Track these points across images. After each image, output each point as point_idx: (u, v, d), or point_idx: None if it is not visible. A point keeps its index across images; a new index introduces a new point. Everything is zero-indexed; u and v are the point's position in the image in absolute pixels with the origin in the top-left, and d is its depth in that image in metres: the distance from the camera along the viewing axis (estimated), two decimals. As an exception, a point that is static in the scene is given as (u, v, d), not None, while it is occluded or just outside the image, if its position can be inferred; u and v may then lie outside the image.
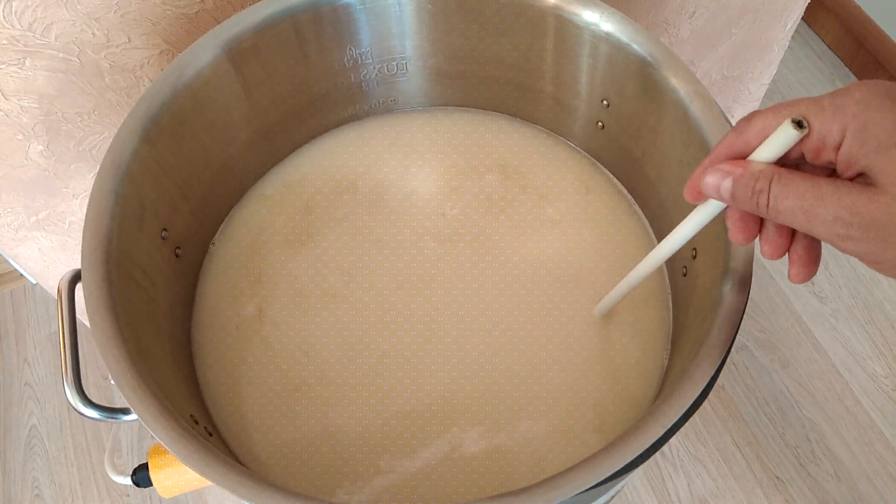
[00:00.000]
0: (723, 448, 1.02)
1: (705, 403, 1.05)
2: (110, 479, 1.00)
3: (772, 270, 1.16)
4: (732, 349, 0.40)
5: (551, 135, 0.57)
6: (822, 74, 1.36)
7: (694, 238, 0.38)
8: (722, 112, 0.43)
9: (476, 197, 0.54)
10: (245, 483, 0.34)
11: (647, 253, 0.52)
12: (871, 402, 1.04)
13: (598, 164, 0.56)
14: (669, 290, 0.50)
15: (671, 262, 0.50)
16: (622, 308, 0.49)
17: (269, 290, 0.51)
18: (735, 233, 0.33)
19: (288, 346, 0.49)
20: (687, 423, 0.34)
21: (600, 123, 0.52)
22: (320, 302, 0.50)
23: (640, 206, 0.54)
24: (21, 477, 1.04)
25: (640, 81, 0.46)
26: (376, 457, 0.45)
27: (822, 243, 0.32)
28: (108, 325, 0.38)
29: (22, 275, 1.16)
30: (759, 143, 0.30)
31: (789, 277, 0.33)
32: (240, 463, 0.45)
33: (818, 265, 0.32)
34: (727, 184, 0.31)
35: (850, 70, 1.36)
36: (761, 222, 0.33)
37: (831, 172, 0.30)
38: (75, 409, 0.39)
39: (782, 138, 0.29)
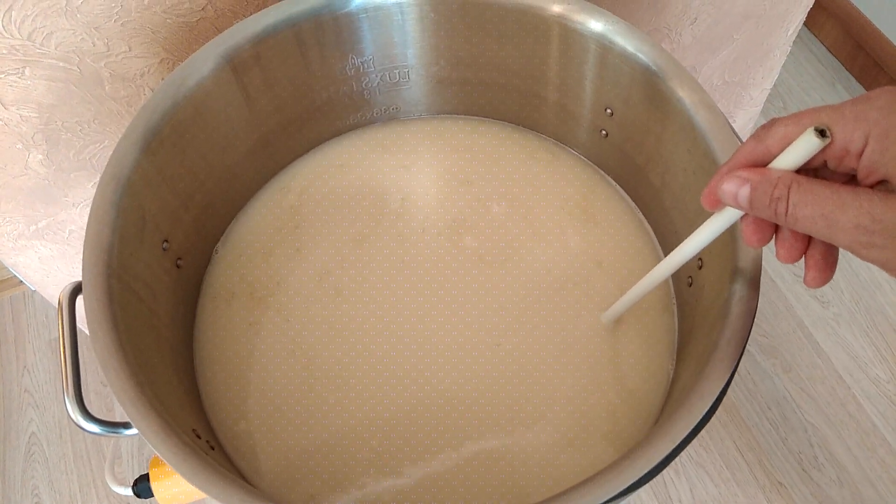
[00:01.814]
0: (725, 453, 1.02)
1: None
2: (110, 488, 1.00)
3: (773, 275, 1.15)
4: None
5: (554, 143, 0.57)
6: (823, 78, 1.36)
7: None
8: (727, 122, 0.42)
9: (479, 205, 0.54)
10: (246, 500, 0.34)
11: (650, 261, 0.52)
12: (874, 407, 1.04)
13: (602, 171, 0.55)
14: (675, 300, 0.50)
15: (676, 272, 0.49)
16: (627, 316, 0.49)
17: (272, 298, 0.51)
18: (749, 235, 0.33)
19: (290, 356, 0.49)
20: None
21: (604, 131, 0.52)
22: (324, 311, 0.50)
23: (644, 214, 0.53)
24: (21, 484, 1.04)
25: (645, 90, 0.46)
26: (380, 467, 0.45)
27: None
28: (109, 338, 0.37)
29: (22, 281, 1.16)
30: (780, 151, 0.30)
31: (805, 282, 0.32)
32: (242, 477, 0.45)
33: (835, 270, 0.32)
34: (745, 191, 0.31)
35: (851, 73, 1.36)
36: (776, 225, 0.32)
37: (849, 179, 0.30)
38: (76, 424, 0.39)
39: (805, 147, 0.29)
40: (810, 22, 1.40)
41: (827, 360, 1.08)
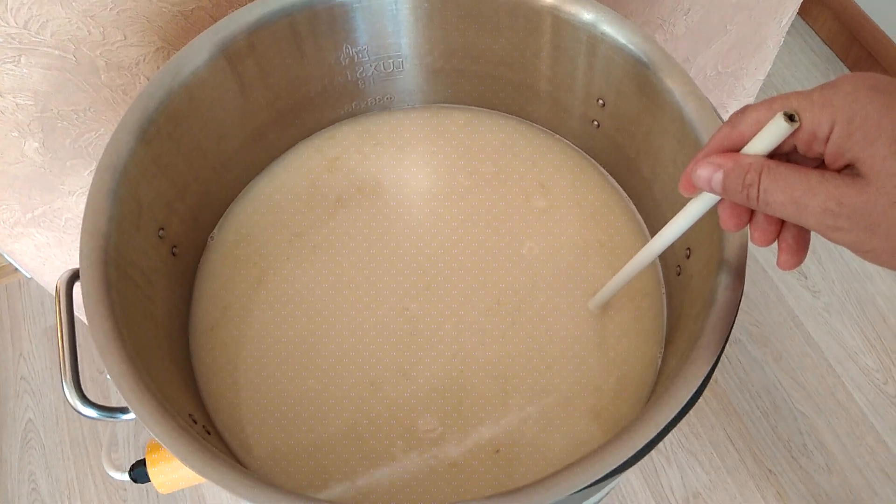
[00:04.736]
0: (715, 441, 1.03)
1: (699, 397, 1.06)
2: (107, 473, 1.00)
3: (765, 264, 1.16)
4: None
5: (547, 132, 0.57)
6: (817, 69, 1.37)
7: (688, 237, 0.39)
8: (715, 111, 0.43)
9: (471, 193, 0.55)
10: (243, 482, 0.35)
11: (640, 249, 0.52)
12: (863, 396, 1.05)
13: (594, 161, 0.56)
14: (664, 289, 0.50)
15: (665, 261, 0.50)
16: (617, 303, 0.50)
17: (267, 287, 0.51)
18: (726, 220, 0.33)
19: (285, 343, 0.49)
20: (680, 418, 0.35)
21: (595, 122, 0.53)
22: (317, 298, 0.51)
23: (635, 204, 0.54)
24: (18, 471, 1.05)
25: (636, 82, 0.46)
26: (372, 453, 0.46)
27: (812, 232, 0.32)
28: (106, 325, 0.38)
29: (17, 269, 1.16)
30: (753, 136, 0.31)
31: (778, 264, 0.33)
32: (237, 461, 0.45)
33: (807, 252, 0.33)
34: (718, 176, 0.31)
35: (845, 64, 1.37)
36: (752, 210, 0.33)
37: (820, 163, 0.31)
38: (74, 409, 0.40)
39: (774, 131, 0.30)
40: (805, 12, 1.41)
41: (817, 349, 1.09)
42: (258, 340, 0.49)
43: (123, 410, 0.40)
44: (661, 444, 1.03)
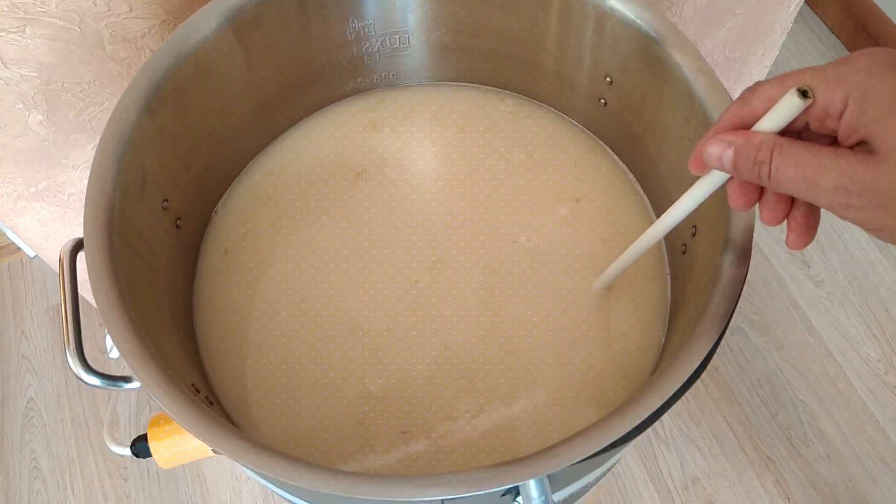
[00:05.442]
0: (715, 428, 1.03)
1: (699, 383, 1.06)
2: (108, 450, 1.01)
3: (767, 252, 1.16)
4: (727, 330, 0.40)
5: (553, 110, 0.57)
6: (824, 58, 1.36)
7: (694, 216, 0.38)
8: (725, 89, 0.43)
9: (476, 171, 0.54)
10: (246, 448, 0.35)
11: (644, 229, 0.52)
12: (864, 386, 1.05)
13: (599, 140, 0.56)
14: (668, 268, 0.50)
15: (670, 240, 0.50)
16: (621, 284, 0.50)
17: (270, 262, 0.51)
18: (735, 198, 0.33)
19: (289, 316, 0.49)
20: (680, 403, 0.35)
21: (602, 100, 0.52)
22: (320, 273, 0.51)
23: (640, 183, 0.54)
24: (19, 448, 1.05)
25: (644, 58, 0.46)
26: (375, 426, 0.46)
27: (822, 210, 0.32)
28: (110, 292, 0.38)
29: (19, 248, 1.16)
30: (765, 113, 0.30)
31: (787, 243, 0.33)
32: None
33: (816, 232, 0.33)
34: (729, 154, 0.31)
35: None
36: (761, 188, 0.33)
37: (833, 140, 0.30)
38: (77, 377, 0.40)
39: (787, 108, 0.29)
40: (812, 1, 1.40)
41: (819, 338, 1.09)
42: (262, 312, 0.49)
43: (126, 379, 0.40)
44: (660, 431, 1.03)
